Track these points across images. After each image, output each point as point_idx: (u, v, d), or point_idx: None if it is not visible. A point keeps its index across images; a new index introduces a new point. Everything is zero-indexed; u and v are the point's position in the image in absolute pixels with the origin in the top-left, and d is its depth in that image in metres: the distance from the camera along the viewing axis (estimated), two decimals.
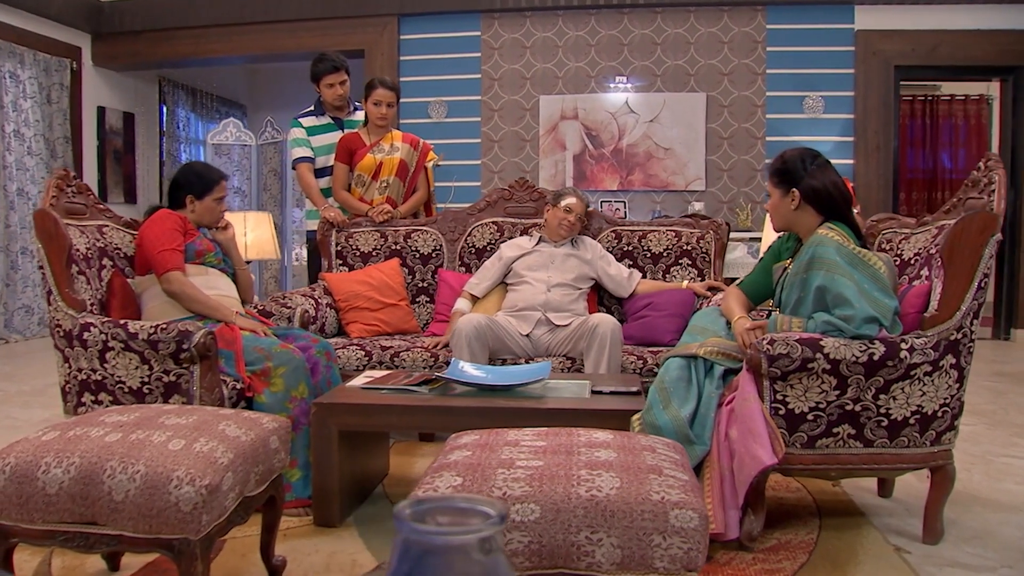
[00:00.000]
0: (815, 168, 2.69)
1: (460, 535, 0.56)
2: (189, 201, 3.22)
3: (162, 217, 3.09)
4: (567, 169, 7.64)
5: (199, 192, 3.22)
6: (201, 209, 3.23)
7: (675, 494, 1.61)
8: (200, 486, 1.81)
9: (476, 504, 0.61)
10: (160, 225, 3.05)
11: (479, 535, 0.56)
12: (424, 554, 0.56)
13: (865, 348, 2.40)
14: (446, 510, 0.62)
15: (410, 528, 0.57)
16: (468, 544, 0.55)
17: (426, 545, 0.56)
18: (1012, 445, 3.76)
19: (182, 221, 3.11)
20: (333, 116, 4.77)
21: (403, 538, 0.58)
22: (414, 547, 0.56)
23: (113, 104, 8.25)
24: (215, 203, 3.24)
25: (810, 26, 7.13)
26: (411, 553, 0.57)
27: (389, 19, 7.68)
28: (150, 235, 3.04)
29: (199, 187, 3.22)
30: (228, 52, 7.99)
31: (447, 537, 0.56)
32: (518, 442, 1.85)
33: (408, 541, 0.57)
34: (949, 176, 9.14)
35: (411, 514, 0.59)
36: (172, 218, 3.08)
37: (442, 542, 0.56)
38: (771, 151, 7.25)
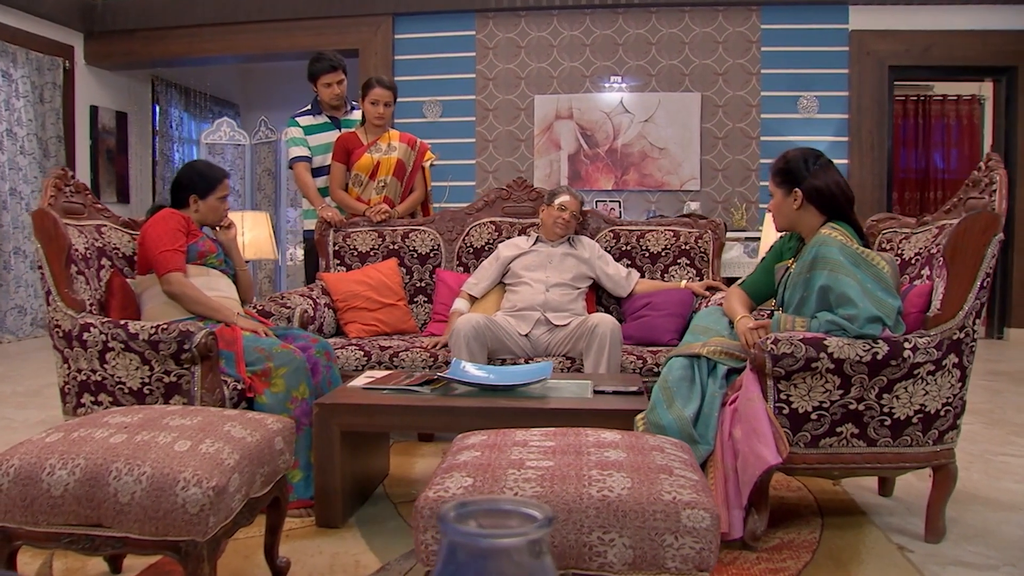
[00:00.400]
0: (818, 168, 2.70)
1: (509, 538, 0.55)
2: (192, 201, 3.21)
3: (165, 217, 3.07)
4: (562, 169, 7.63)
5: (202, 191, 3.20)
6: (205, 208, 3.22)
7: (687, 494, 1.60)
8: (207, 488, 1.80)
9: (520, 507, 0.61)
10: (163, 225, 3.03)
11: (528, 538, 0.55)
12: (472, 557, 0.55)
13: (869, 347, 2.40)
14: (488, 512, 0.61)
15: (458, 531, 0.56)
16: (517, 547, 0.55)
17: (474, 548, 0.55)
18: (1009, 444, 3.77)
19: (185, 221, 3.10)
20: (330, 115, 4.75)
21: (449, 540, 0.57)
22: (461, 550, 0.56)
23: (106, 103, 8.22)
24: (218, 202, 3.23)
25: (804, 26, 7.15)
26: (458, 556, 0.56)
27: (383, 18, 7.67)
28: (152, 235, 3.02)
29: (202, 186, 3.21)
30: (222, 51, 7.96)
31: (496, 540, 0.55)
32: (526, 442, 1.85)
33: (455, 544, 0.56)
34: (941, 176, 9.17)
35: (455, 517, 0.59)
36: (175, 218, 3.07)
37: (491, 545, 0.55)
38: (766, 151, 7.27)
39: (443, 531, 0.59)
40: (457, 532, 0.56)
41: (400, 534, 2.65)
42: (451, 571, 0.57)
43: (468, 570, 0.56)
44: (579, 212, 4.03)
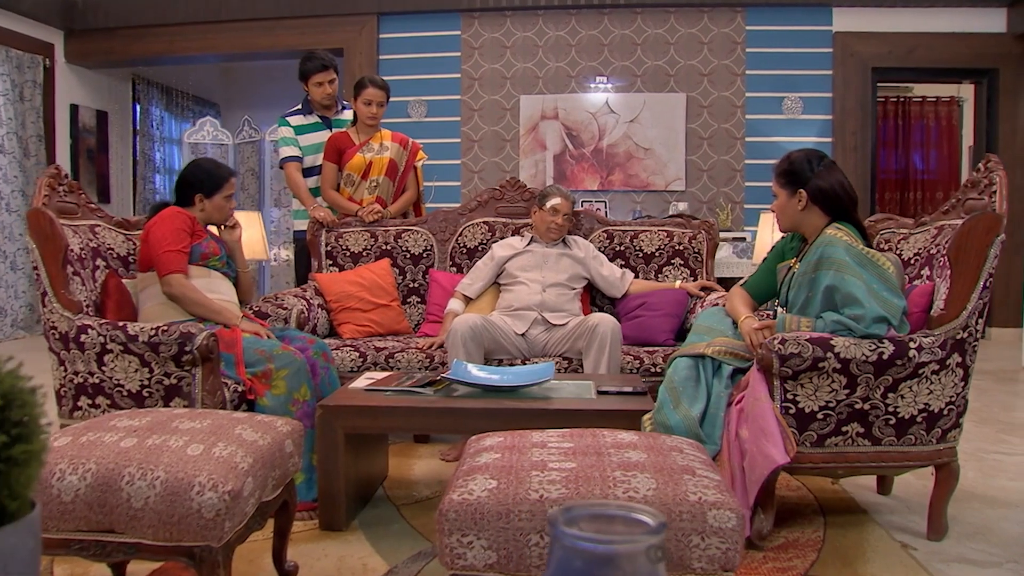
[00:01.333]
0: (822, 169, 2.71)
1: (628, 544, 0.54)
2: (198, 200, 3.16)
3: (171, 216, 3.02)
4: (547, 169, 7.63)
5: (209, 190, 3.16)
6: (211, 208, 3.18)
7: (711, 494, 1.60)
8: (223, 492, 1.77)
9: (631, 512, 0.60)
10: (168, 224, 2.99)
11: (647, 544, 0.54)
12: (588, 564, 0.55)
13: (875, 347, 2.42)
14: (594, 517, 0.60)
15: (572, 537, 0.55)
16: (636, 553, 0.54)
17: (591, 555, 0.55)
18: (1001, 442, 3.81)
19: (191, 221, 3.05)
20: (321, 115, 4.72)
21: (561, 546, 0.56)
22: (577, 556, 0.55)
23: (86, 102, 8.11)
24: (224, 201, 3.19)
25: (789, 28, 7.20)
26: (572, 563, 0.55)
27: (368, 18, 7.63)
28: (157, 234, 2.98)
29: (209, 185, 3.17)
30: (204, 50, 7.88)
31: (615, 546, 0.54)
32: (544, 444, 1.84)
33: (569, 550, 0.56)
34: (921, 177, 9.27)
35: (566, 522, 0.58)
36: (181, 217, 3.02)
37: (611, 551, 0.54)
38: (751, 152, 7.32)
39: (555, 537, 0.58)
40: (573, 538, 0.55)
41: (405, 536, 2.64)
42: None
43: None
44: (571, 212, 4.03)
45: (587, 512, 0.60)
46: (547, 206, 3.96)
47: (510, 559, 1.56)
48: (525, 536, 1.56)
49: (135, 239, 3.36)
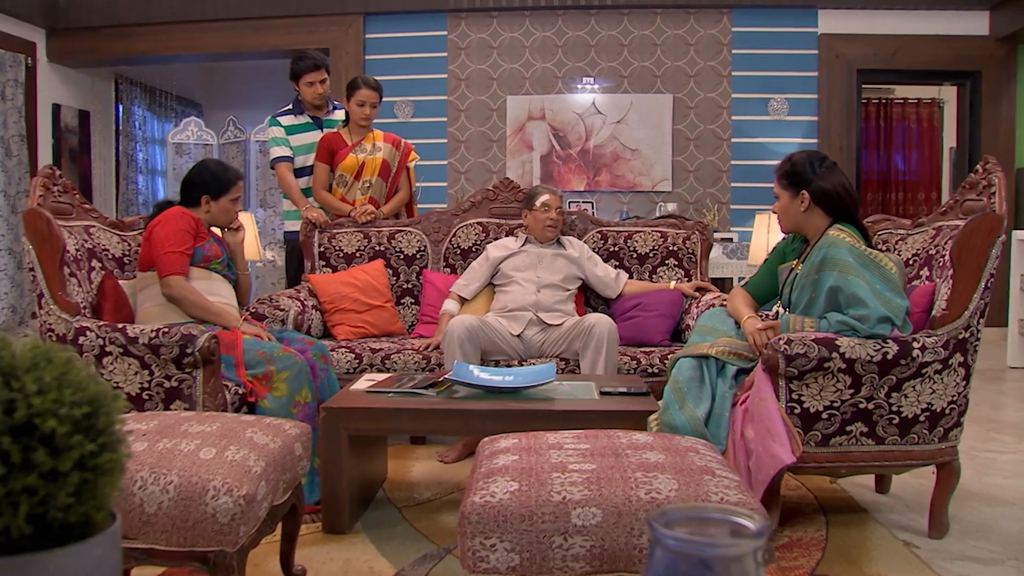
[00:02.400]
0: (824, 170, 2.73)
1: (736, 547, 0.54)
2: (204, 201, 3.13)
3: (176, 216, 2.99)
4: (534, 170, 7.64)
5: (215, 192, 3.13)
6: (216, 210, 3.15)
7: (733, 495, 1.61)
8: (238, 496, 1.76)
9: (730, 515, 0.60)
10: (173, 224, 2.96)
11: (755, 547, 0.54)
12: (694, 567, 0.54)
13: (879, 347, 2.43)
14: (691, 520, 0.60)
15: (677, 539, 0.55)
16: (742, 556, 0.54)
17: (697, 558, 0.54)
18: (991, 440, 3.85)
19: (195, 223, 3.02)
20: (312, 115, 4.69)
21: (665, 549, 0.56)
22: (682, 560, 0.55)
23: (69, 102, 8.02)
24: (231, 204, 3.17)
25: (775, 29, 7.24)
26: (676, 566, 0.55)
27: (354, 18, 7.60)
28: (161, 234, 2.95)
29: (215, 187, 3.14)
30: (189, 50, 7.82)
31: (724, 550, 0.54)
32: (561, 445, 1.84)
33: (674, 553, 0.55)
34: (903, 178, 9.36)
35: (665, 525, 0.57)
36: (186, 219, 2.99)
37: (717, 554, 0.54)
38: (737, 153, 7.36)
39: (657, 539, 0.57)
40: (679, 542, 0.55)
41: (409, 539, 2.62)
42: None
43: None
44: (561, 206, 4.03)
45: (682, 515, 0.60)
46: (537, 204, 3.96)
47: (533, 561, 1.56)
48: (548, 538, 1.56)
49: (129, 240, 3.33)
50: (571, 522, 1.56)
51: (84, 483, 0.72)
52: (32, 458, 0.69)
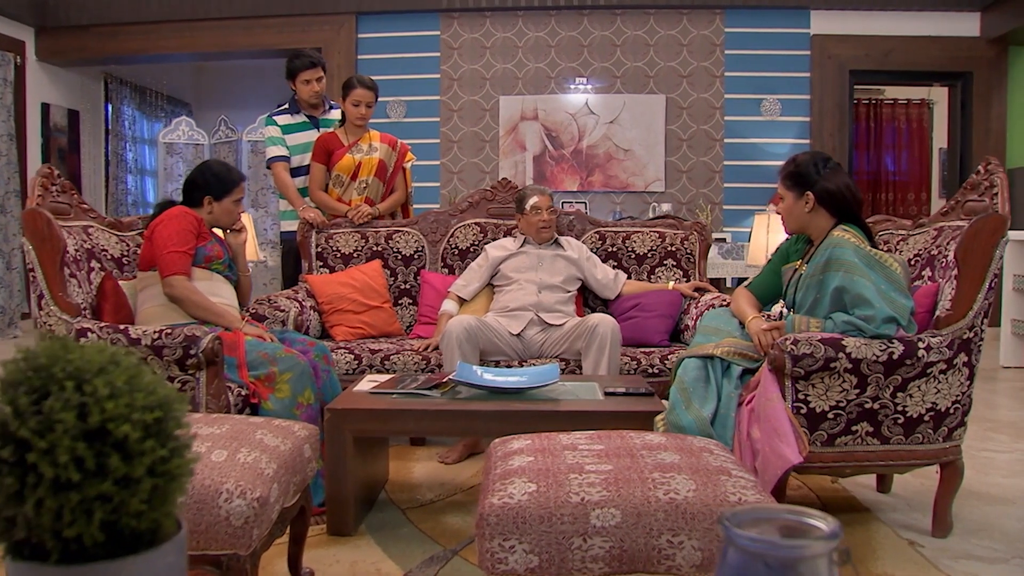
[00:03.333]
0: (828, 171, 2.73)
1: (813, 548, 0.54)
2: (207, 202, 3.11)
3: (179, 216, 2.96)
4: (527, 170, 7.64)
5: (218, 193, 3.11)
6: (219, 211, 3.13)
7: (751, 495, 1.61)
8: (251, 499, 1.74)
9: (802, 516, 0.59)
10: (176, 224, 2.93)
11: (832, 547, 0.54)
12: (770, 567, 0.54)
13: (885, 347, 2.44)
14: (759, 521, 0.60)
15: (754, 540, 0.55)
16: (820, 556, 0.54)
17: (774, 559, 0.54)
18: (989, 439, 3.87)
19: (198, 223, 3.00)
20: (308, 114, 4.67)
21: (738, 550, 0.56)
22: (757, 560, 0.54)
23: (58, 101, 7.96)
24: (233, 205, 3.15)
25: (767, 30, 7.27)
26: (750, 566, 0.55)
27: (347, 17, 7.58)
28: (163, 233, 2.92)
29: (218, 188, 3.12)
30: (180, 49, 7.78)
31: (801, 550, 0.54)
32: (575, 446, 1.84)
33: (750, 554, 0.55)
34: (892, 178, 9.41)
35: (738, 525, 0.57)
36: (188, 219, 2.97)
37: (795, 555, 0.54)
38: (729, 153, 7.38)
39: (732, 540, 0.57)
40: (756, 543, 0.54)
41: (415, 540, 2.61)
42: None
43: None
44: (553, 205, 4.02)
45: (750, 516, 0.59)
46: (528, 207, 3.95)
47: (552, 562, 1.55)
48: (567, 539, 1.56)
49: (128, 240, 3.31)
50: (590, 523, 1.56)
51: (155, 489, 0.71)
52: (106, 464, 0.67)
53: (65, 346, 0.70)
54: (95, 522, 0.67)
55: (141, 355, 2.62)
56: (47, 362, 0.67)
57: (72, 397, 0.67)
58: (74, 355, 0.69)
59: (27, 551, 0.71)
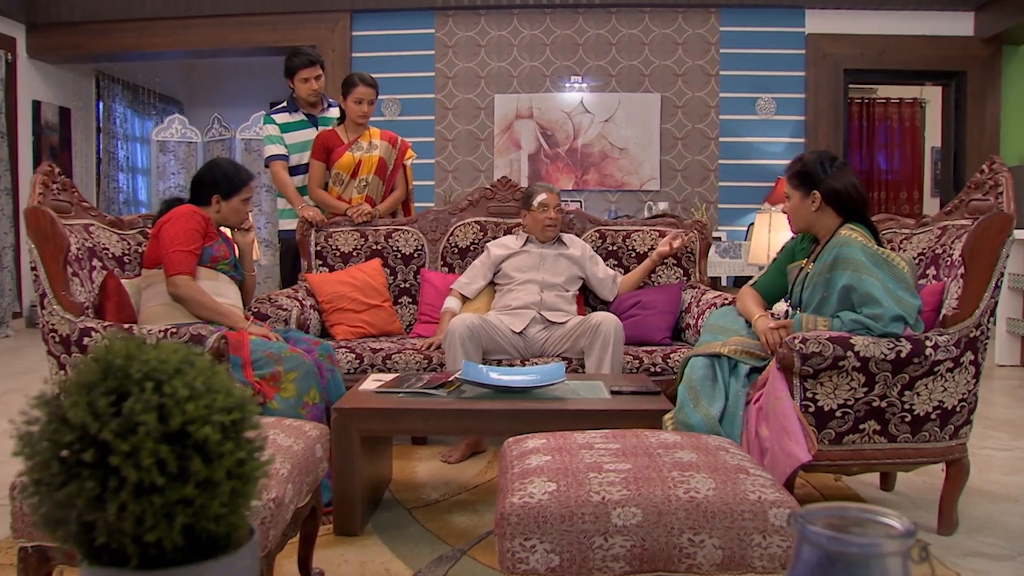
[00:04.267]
0: (835, 170, 2.74)
1: (893, 545, 0.54)
2: (215, 201, 3.09)
3: (187, 215, 2.94)
4: (522, 168, 7.63)
5: (226, 192, 3.09)
6: (227, 210, 3.11)
7: (770, 493, 1.61)
8: (267, 500, 1.73)
9: (876, 516, 0.59)
10: (183, 223, 2.91)
11: (910, 544, 0.54)
12: (848, 565, 0.54)
13: (893, 346, 2.45)
14: (832, 519, 0.59)
15: (833, 538, 0.54)
16: (898, 553, 0.53)
17: (852, 556, 0.54)
18: (988, 438, 3.89)
19: (205, 222, 2.98)
20: (307, 113, 4.65)
21: (813, 546, 0.55)
22: (834, 558, 0.54)
23: (49, 99, 7.90)
24: (241, 204, 3.13)
25: (762, 29, 7.28)
26: (828, 564, 0.54)
27: (341, 15, 7.56)
28: (170, 231, 2.90)
29: (226, 187, 3.10)
30: (172, 46, 7.74)
31: (882, 548, 0.53)
32: (591, 445, 1.83)
33: (824, 551, 0.54)
34: (885, 177, 9.44)
35: (814, 523, 0.57)
36: (196, 218, 2.95)
37: (872, 552, 0.53)
38: (724, 152, 7.39)
39: (807, 537, 0.56)
40: (833, 540, 0.54)
41: (422, 540, 2.61)
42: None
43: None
44: (560, 204, 4.02)
45: (823, 514, 0.59)
46: (535, 204, 3.94)
47: (573, 562, 1.55)
48: (589, 538, 1.55)
49: (129, 239, 3.28)
50: (611, 522, 1.55)
51: (233, 492, 0.70)
52: (187, 467, 0.66)
53: (139, 346, 0.69)
54: (176, 526, 0.66)
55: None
56: (123, 363, 0.66)
57: (151, 399, 0.65)
58: (149, 356, 0.68)
59: (105, 556, 0.69)
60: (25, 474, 0.69)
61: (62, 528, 0.70)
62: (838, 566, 0.54)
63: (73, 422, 0.65)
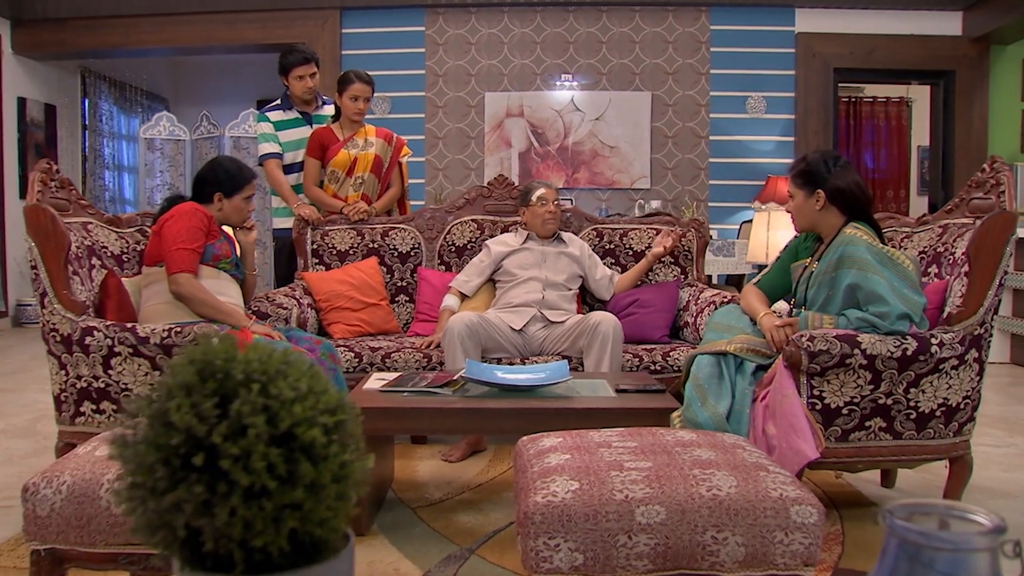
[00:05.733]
0: (839, 169, 2.75)
1: (987, 542, 0.54)
2: (217, 199, 3.07)
3: (189, 212, 2.91)
4: (512, 167, 7.62)
5: (228, 190, 3.07)
6: (229, 208, 3.09)
7: (791, 490, 1.61)
8: None
9: (965, 513, 0.59)
10: (186, 221, 2.89)
11: (1003, 541, 0.54)
12: (939, 561, 0.54)
13: (899, 343, 2.46)
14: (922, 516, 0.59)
15: (920, 534, 0.54)
16: (986, 548, 0.53)
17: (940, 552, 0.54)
18: (983, 435, 3.92)
19: (208, 220, 2.96)
20: (301, 110, 4.62)
21: (902, 542, 0.55)
22: (922, 552, 0.54)
23: (35, 96, 7.82)
24: (244, 202, 3.11)
25: (752, 28, 7.31)
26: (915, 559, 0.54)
27: (331, 12, 7.51)
28: (173, 229, 2.87)
29: (229, 185, 3.07)
30: (159, 43, 7.66)
31: (969, 542, 0.53)
32: (609, 443, 1.83)
33: (914, 546, 0.54)
34: (872, 176, 9.50)
35: (908, 518, 0.57)
36: (199, 215, 2.92)
37: (963, 546, 0.53)
38: (715, 150, 7.41)
39: (898, 533, 0.56)
40: (924, 536, 0.54)
41: (429, 540, 2.60)
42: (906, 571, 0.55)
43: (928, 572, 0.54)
44: (558, 199, 4.02)
45: (911, 511, 0.59)
46: (533, 199, 3.94)
47: (597, 560, 1.55)
48: (613, 537, 1.55)
49: (127, 237, 3.26)
50: (635, 520, 1.55)
51: (337, 495, 0.69)
52: (296, 470, 0.65)
53: (234, 346, 0.68)
54: (283, 531, 0.65)
55: (150, 353, 2.59)
56: (223, 364, 0.65)
57: (258, 400, 0.64)
58: (250, 356, 0.67)
59: (209, 562, 0.68)
60: (122, 479, 0.68)
61: (165, 534, 0.68)
62: (927, 562, 0.54)
63: (178, 425, 0.64)
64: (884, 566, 0.57)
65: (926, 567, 0.55)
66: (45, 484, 1.75)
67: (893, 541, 0.57)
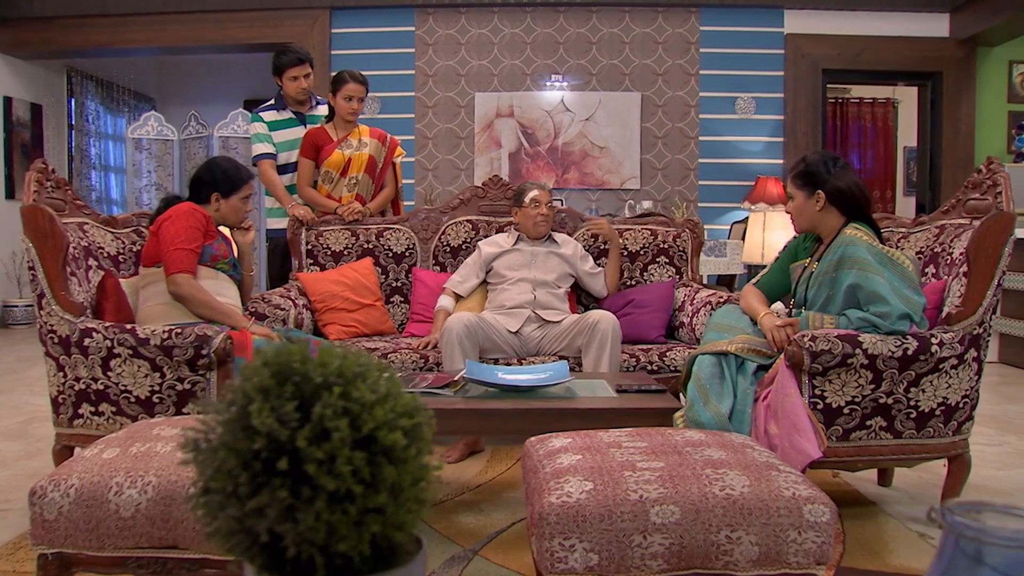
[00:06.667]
0: (838, 170, 2.77)
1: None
2: (214, 199, 3.05)
3: (187, 212, 2.90)
4: (502, 167, 7.61)
5: (226, 190, 3.05)
6: (227, 208, 3.07)
7: (804, 489, 1.62)
8: None
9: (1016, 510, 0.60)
10: (184, 221, 2.87)
11: None
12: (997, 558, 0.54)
13: (900, 343, 2.48)
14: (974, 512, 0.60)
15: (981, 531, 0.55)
16: None
17: (1000, 549, 0.54)
18: (976, 434, 3.91)
19: (205, 220, 2.94)
20: (295, 111, 4.60)
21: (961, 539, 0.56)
22: (980, 550, 0.54)
23: (20, 95, 7.75)
24: (241, 203, 3.09)
25: (742, 29, 7.34)
26: (972, 556, 0.55)
27: (320, 12, 7.49)
28: (171, 229, 2.85)
29: (226, 185, 3.06)
30: (147, 42, 7.61)
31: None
32: (619, 443, 1.83)
33: (973, 543, 0.55)
34: (859, 176, 9.54)
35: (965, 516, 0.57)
36: (196, 215, 2.90)
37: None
38: (704, 151, 7.44)
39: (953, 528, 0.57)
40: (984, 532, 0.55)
41: (432, 541, 2.59)
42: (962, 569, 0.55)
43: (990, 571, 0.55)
44: (551, 200, 4.02)
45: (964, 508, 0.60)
46: (526, 201, 3.95)
47: (611, 560, 1.55)
48: (627, 537, 1.55)
49: (123, 238, 3.23)
50: (650, 520, 1.56)
51: (417, 499, 0.68)
52: (379, 474, 0.65)
53: (306, 348, 0.67)
54: (366, 535, 0.65)
55: (150, 355, 2.57)
56: (301, 366, 0.64)
57: (339, 403, 0.64)
58: (328, 359, 0.66)
59: (289, 567, 0.68)
60: (197, 484, 0.67)
61: (242, 539, 0.67)
62: (985, 560, 0.55)
63: (260, 429, 0.63)
64: (940, 564, 0.57)
65: (986, 565, 0.55)
66: (53, 487, 1.74)
67: (951, 539, 0.57)
